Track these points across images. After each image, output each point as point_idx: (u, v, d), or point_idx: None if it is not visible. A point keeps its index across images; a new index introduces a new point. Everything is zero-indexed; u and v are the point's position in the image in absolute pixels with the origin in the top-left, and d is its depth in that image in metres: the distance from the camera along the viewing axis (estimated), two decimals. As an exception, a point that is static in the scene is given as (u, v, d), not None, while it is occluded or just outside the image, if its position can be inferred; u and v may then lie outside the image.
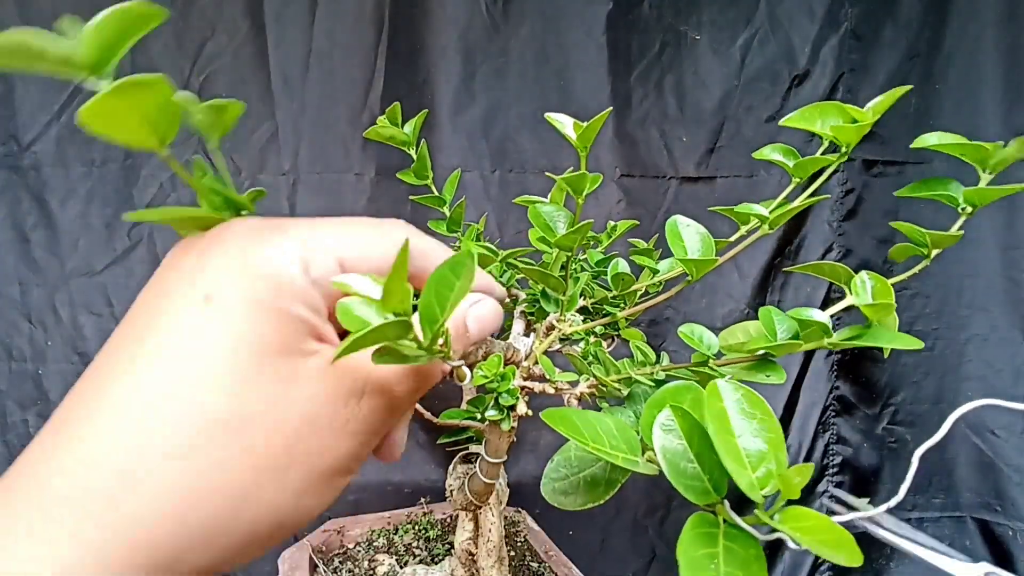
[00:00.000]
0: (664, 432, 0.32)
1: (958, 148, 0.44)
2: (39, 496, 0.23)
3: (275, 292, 0.26)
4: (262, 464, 0.25)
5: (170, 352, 0.25)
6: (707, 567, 0.27)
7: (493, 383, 0.45)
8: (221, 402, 0.25)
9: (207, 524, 0.24)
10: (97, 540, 0.22)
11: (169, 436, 0.24)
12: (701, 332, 0.45)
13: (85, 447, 0.24)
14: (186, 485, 0.24)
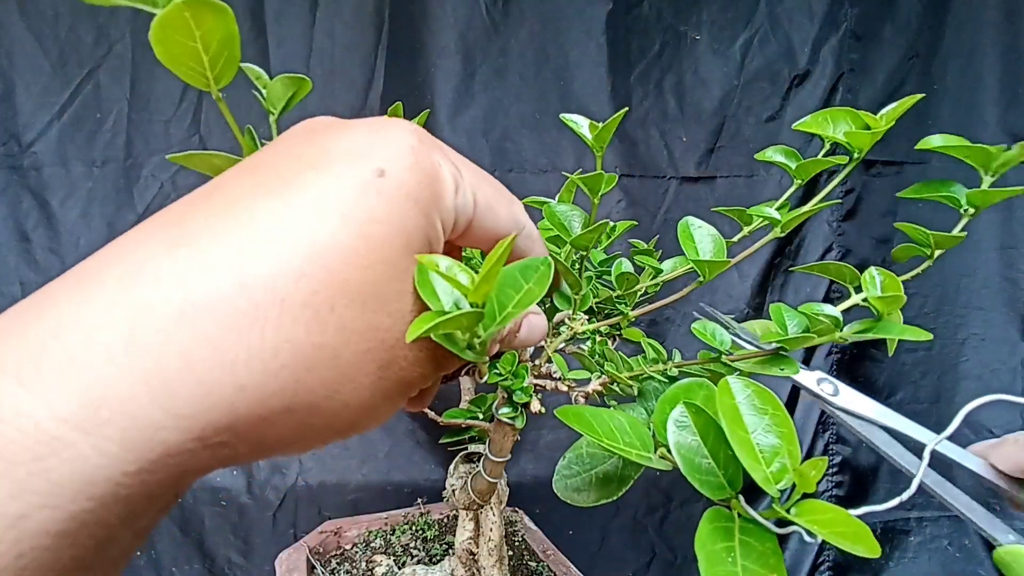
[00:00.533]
0: (678, 428, 0.32)
1: (962, 151, 0.45)
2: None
3: (431, 200, 0.27)
4: (351, 345, 0.24)
5: (334, 211, 0.24)
6: (725, 561, 0.27)
7: (507, 380, 0.46)
8: (368, 276, 0.24)
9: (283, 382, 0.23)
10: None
11: (309, 309, 0.23)
12: (713, 328, 0.45)
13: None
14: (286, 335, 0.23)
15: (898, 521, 1.39)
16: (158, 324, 0.21)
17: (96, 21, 1.06)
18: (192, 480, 0.23)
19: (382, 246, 0.25)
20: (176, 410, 0.21)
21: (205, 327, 0.22)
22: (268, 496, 1.18)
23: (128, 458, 0.20)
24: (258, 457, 0.25)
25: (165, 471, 0.21)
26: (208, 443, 0.22)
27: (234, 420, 0.22)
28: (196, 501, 1.16)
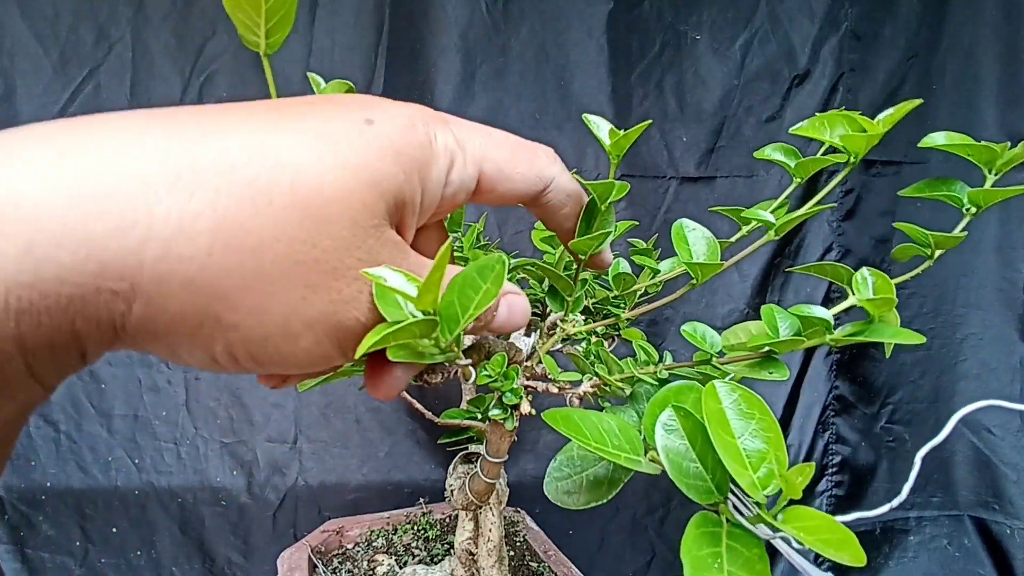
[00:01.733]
0: (666, 432, 0.32)
1: (965, 149, 0.45)
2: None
3: (415, 162, 0.28)
4: (280, 247, 0.24)
5: (312, 133, 0.26)
6: (711, 567, 0.27)
7: (497, 382, 0.45)
8: (322, 190, 0.25)
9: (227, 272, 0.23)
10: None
11: (251, 189, 0.23)
12: (704, 330, 0.45)
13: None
14: (239, 231, 0.23)
15: (898, 521, 1.39)
16: (89, 154, 0.22)
17: (96, 21, 1.06)
18: (86, 331, 0.22)
19: (346, 169, 0.25)
20: (80, 233, 0.21)
21: (142, 168, 0.22)
22: (268, 496, 1.18)
23: (25, 264, 0.20)
24: (152, 338, 0.24)
25: (56, 299, 0.21)
26: (103, 286, 0.21)
27: (136, 268, 0.22)
28: (196, 501, 1.16)
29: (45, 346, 0.22)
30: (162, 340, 0.24)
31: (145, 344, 0.24)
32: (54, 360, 0.23)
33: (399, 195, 0.28)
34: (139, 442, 1.15)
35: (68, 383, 1.13)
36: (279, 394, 1.18)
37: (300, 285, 0.25)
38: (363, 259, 0.26)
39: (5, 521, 1.12)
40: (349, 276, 0.26)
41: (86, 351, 0.23)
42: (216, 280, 0.23)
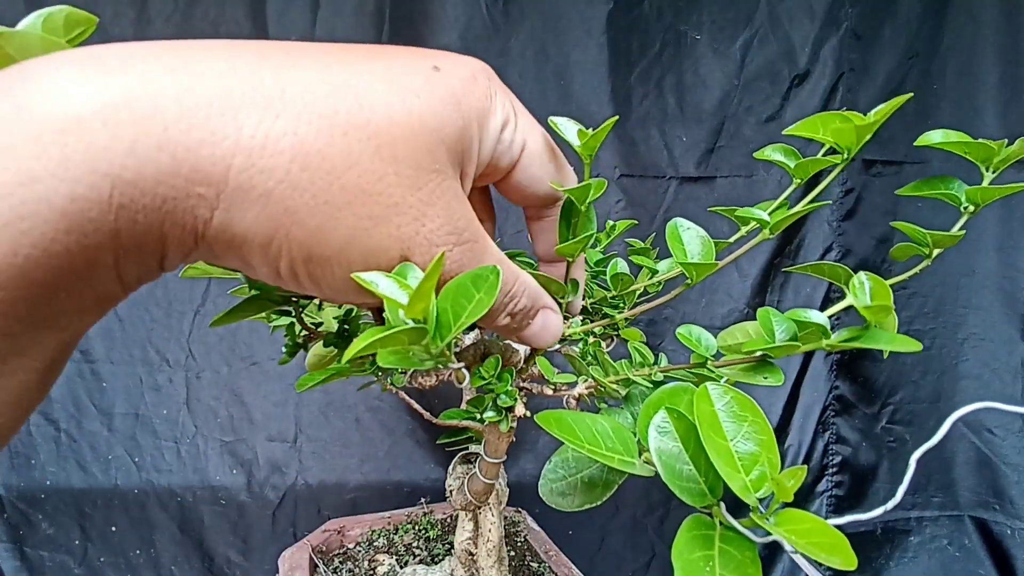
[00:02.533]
0: (660, 434, 0.32)
1: (962, 146, 0.44)
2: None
3: (475, 113, 0.30)
4: (376, 202, 0.27)
5: (385, 76, 0.28)
6: (703, 570, 0.27)
7: (491, 384, 0.45)
8: (391, 129, 0.27)
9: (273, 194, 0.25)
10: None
11: (329, 120, 0.26)
12: (699, 333, 0.45)
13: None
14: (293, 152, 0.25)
15: (898, 521, 1.38)
16: (193, 74, 0.24)
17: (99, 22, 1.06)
18: (172, 234, 0.24)
19: (412, 113, 0.27)
20: (179, 139, 0.23)
21: (237, 90, 0.24)
22: (267, 495, 1.18)
23: (129, 162, 0.22)
24: (227, 247, 0.26)
25: (152, 198, 0.23)
26: (192, 190, 0.24)
27: (221, 176, 0.24)
28: (196, 500, 1.16)
29: (135, 244, 0.24)
30: (236, 251, 0.26)
31: (221, 253, 0.26)
32: (139, 260, 0.25)
33: (459, 142, 0.29)
34: (139, 441, 1.15)
35: (70, 381, 1.13)
36: (280, 393, 1.18)
37: (364, 215, 0.27)
38: (423, 199, 0.28)
39: (4, 519, 1.12)
40: (410, 214, 0.28)
41: (166, 256, 0.26)
42: (290, 195, 0.25)
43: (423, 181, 0.28)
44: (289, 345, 0.56)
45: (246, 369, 1.17)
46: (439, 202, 0.28)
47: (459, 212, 0.30)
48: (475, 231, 0.31)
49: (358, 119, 0.26)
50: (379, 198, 0.27)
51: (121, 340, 1.14)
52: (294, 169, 0.25)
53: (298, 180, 0.25)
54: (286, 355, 0.56)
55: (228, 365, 1.17)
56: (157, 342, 1.15)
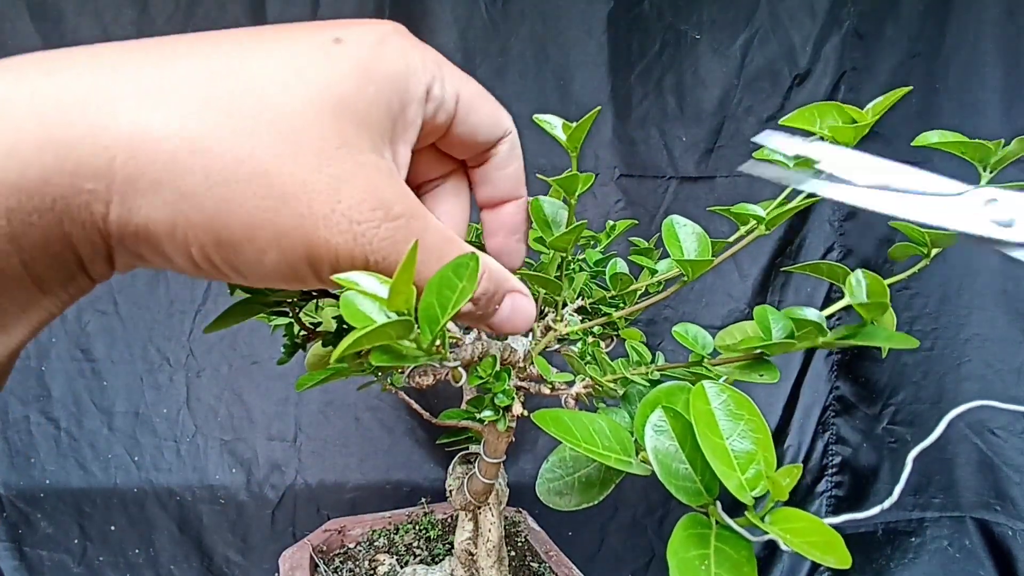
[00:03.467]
0: (656, 433, 0.32)
1: (959, 146, 0.44)
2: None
3: (390, 77, 0.28)
4: (244, 152, 0.25)
5: (278, 56, 0.27)
6: (698, 569, 0.27)
7: (489, 384, 0.45)
8: (285, 105, 0.26)
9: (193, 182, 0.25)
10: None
11: (215, 106, 0.25)
12: (696, 331, 0.44)
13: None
14: (217, 148, 0.25)
15: (899, 522, 1.38)
16: (69, 71, 0.24)
17: (101, 21, 1.06)
18: (75, 234, 0.24)
19: (310, 88, 0.26)
20: (58, 136, 0.23)
21: (116, 84, 0.24)
22: (267, 494, 1.18)
23: (9, 164, 0.22)
24: (132, 240, 0.26)
25: (41, 198, 0.23)
26: (81, 186, 0.23)
27: (106, 169, 0.24)
28: (195, 499, 1.16)
29: (40, 247, 0.24)
30: (145, 243, 0.26)
31: (135, 249, 0.26)
32: (54, 266, 0.25)
33: (375, 112, 0.28)
34: (139, 440, 1.15)
35: (70, 380, 1.13)
36: (280, 392, 1.18)
37: (266, 196, 0.26)
38: (335, 175, 0.27)
39: (3, 519, 1.12)
40: (321, 192, 0.26)
41: (84, 260, 0.26)
42: (181, 179, 0.24)
43: (331, 158, 0.27)
44: (288, 345, 0.56)
45: (246, 368, 1.17)
46: (356, 177, 0.27)
47: (385, 185, 0.28)
48: (409, 205, 0.29)
49: (247, 100, 0.25)
50: (280, 178, 0.26)
51: (122, 339, 1.14)
52: (181, 154, 0.24)
53: (187, 163, 0.24)
54: (285, 355, 0.56)
55: (229, 364, 1.17)
56: (158, 341, 1.15)
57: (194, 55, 0.26)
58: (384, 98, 0.28)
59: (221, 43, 0.27)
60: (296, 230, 0.27)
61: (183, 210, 0.25)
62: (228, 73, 0.26)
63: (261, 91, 0.26)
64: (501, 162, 0.37)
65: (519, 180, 0.39)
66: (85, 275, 0.27)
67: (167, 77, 0.25)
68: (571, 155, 0.40)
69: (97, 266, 0.26)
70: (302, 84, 0.26)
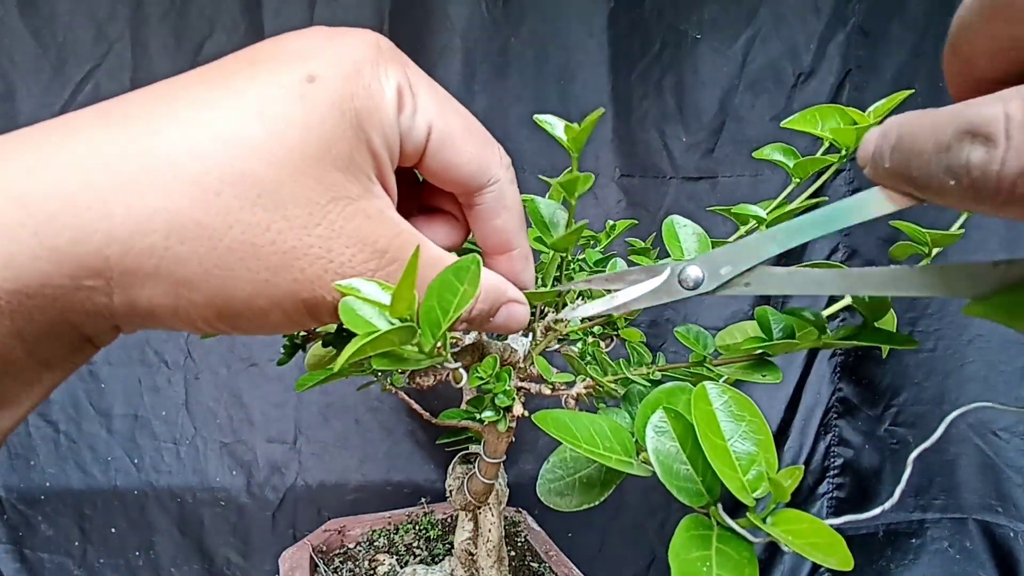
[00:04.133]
0: (657, 434, 0.32)
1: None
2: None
3: (366, 113, 0.27)
4: (234, 233, 0.25)
5: (253, 110, 0.26)
6: (699, 570, 0.27)
7: (489, 384, 0.45)
8: (269, 173, 0.25)
9: (174, 246, 0.25)
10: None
11: (199, 184, 0.25)
12: (697, 331, 0.44)
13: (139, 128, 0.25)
14: (194, 208, 0.25)
15: (900, 524, 1.38)
16: (54, 168, 0.24)
17: (95, 20, 1.06)
18: (79, 320, 0.25)
19: (292, 148, 0.26)
20: (51, 243, 0.23)
21: (94, 178, 0.24)
22: (267, 496, 1.18)
23: (6, 275, 0.23)
24: (139, 319, 0.26)
25: (42, 298, 0.24)
26: (81, 283, 0.24)
27: (103, 267, 0.24)
28: (195, 501, 1.16)
29: (44, 335, 0.25)
30: (151, 320, 0.27)
31: (142, 324, 0.27)
32: (59, 346, 0.26)
33: (356, 156, 0.27)
34: (139, 442, 1.15)
35: (68, 383, 1.13)
36: (279, 394, 1.18)
37: (260, 268, 0.26)
38: (324, 235, 0.27)
39: (4, 521, 1.12)
40: (311, 255, 0.27)
41: (89, 335, 0.26)
42: (176, 269, 0.25)
43: (319, 217, 0.26)
44: (287, 346, 0.56)
45: (245, 371, 1.17)
46: (344, 232, 0.27)
47: (376, 233, 0.28)
48: (402, 244, 0.29)
49: (231, 174, 0.25)
50: (271, 248, 0.26)
51: (119, 341, 1.13)
52: (172, 244, 0.25)
53: (179, 253, 0.25)
54: (284, 356, 0.56)
55: (227, 367, 1.17)
56: (155, 343, 1.15)
57: (173, 123, 0.25)
58: (365, 136, 0.28)
59: (194, 99, 0.26)
60: (293, 295, 0.27)
61: (183, 295, 0.26)
62: (210, 140, 0.25)
63: (244, 162, 0.25)
64: (488, 212, 0.35)
65: (510, 232, 0.36)
66: (90, 345, 0.27)
67: (151, 157, 0.24)
68: (572, 156, 0.40)
69: (103, 338, 0.27)
70: (281, 143, 0.26)
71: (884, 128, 0.25)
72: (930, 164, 0.22)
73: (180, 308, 0.26)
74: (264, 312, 0.27)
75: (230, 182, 0.25)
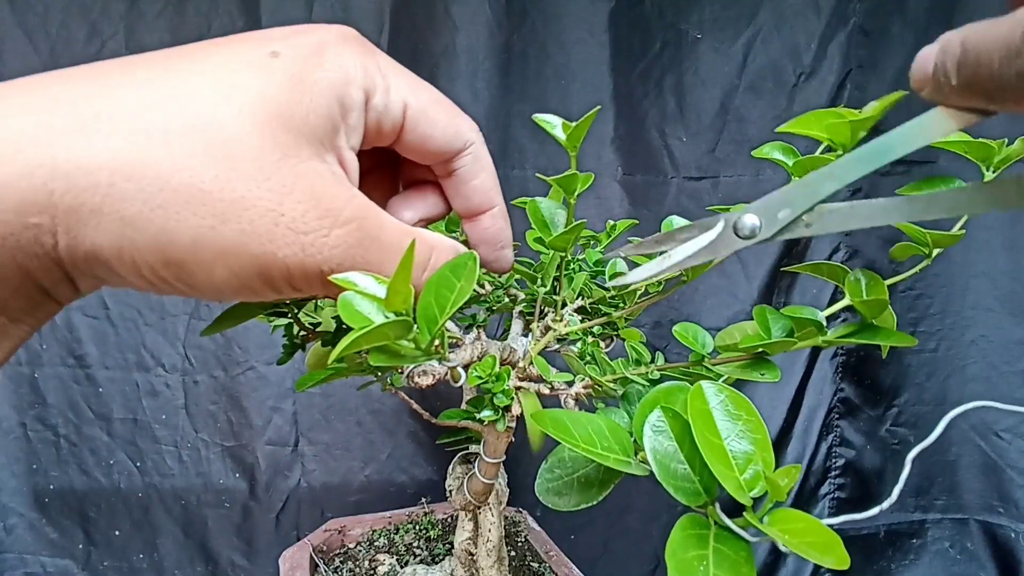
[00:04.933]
0: (655, 433, 0.32)
1: (962, 146, 0.44)
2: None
3: (329, 87, 0.28)
4: (179, 176, 0.26)
5: (210, 76, 0.27)
6: (696, 569, 0.27)
7: (488, 383, 0.45)
8: (219, 127, 0.26)
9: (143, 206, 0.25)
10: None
11: (146, 133, 0.25)
12: (696, 331, 0.44)
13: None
14: (158, 167, 0.25)
15: (901, 524, 1.37)
16: (6, 112, 0.25)
17: (88, 17, 1.05)
18: (30, 265, 0.25)
19: (243, 107, 0.27)
20: (2, 177, 0.24)
21: (43, 119, 0.25)
22: (270, 498, 1.18)
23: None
24: (85, 264, 0.26)
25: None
26: (27, 221, 0.24)
27: (47, 202, 0.24)
28: (199, 503, 1.16)
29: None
30: (99, 266, 0.26)
31: (90, 272, 0.27)
32: (16, 296, 0.26)
33: (314, 121, 0.28)
34: (140, 445, 1.15)
35: (64, 387, 1.12)
36: (279, 396, 1.17)
37: (206, 214, 0.26)
38: (275, 189, 0.27)
39: (6, 526, 1.12)
40: (260, 207, 0.27)
41: (46, 287, 0.27)
42: (120, 206, 0.25)
43: (269, 171, 0.27)
44: (287, 345, 0.56)
45: (243, 374, 1.17)
46: (296, 188, 0.27)
47: (330, 194, 0.28)
48: (358, 207, 0.29)
49: (180, 126, 0.26)
50: (219, 195, 0.26)
51: (115, 345, 1.13)
52: (117, 181, 0.25)
53: (124, 190, 0.25)
54: (284, 355, 0.56)
55: (225, 370, 1.16)
56: (152, 347, 1.14)
57: (128, 83, 0.26)
58: (322, 106, 0.28)
59: (156, 69, 0.27)
60: (240, 247, 0.27)
61: (127, 234, 0.26)
62: (163, 97, 0.26)
63: (195, 112, 0.26)
64: (467, 174, 0.37)
65: (489, 190, 0.38)
66: (51, 300, 0.28)
67: (102, 107, 0.25)
68: (571, 155, 0.40)
69: (60, 290, 0.27)
70: (235, 99, 0.27)
71: (942, 44, 0.25)
72: (1002, 71, 0.22)
73: (124, 251, 0.26)
74: (209, 264, 0.27)
75: (179, 132, 0.26)
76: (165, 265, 0.27)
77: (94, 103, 0.25)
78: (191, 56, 0.28)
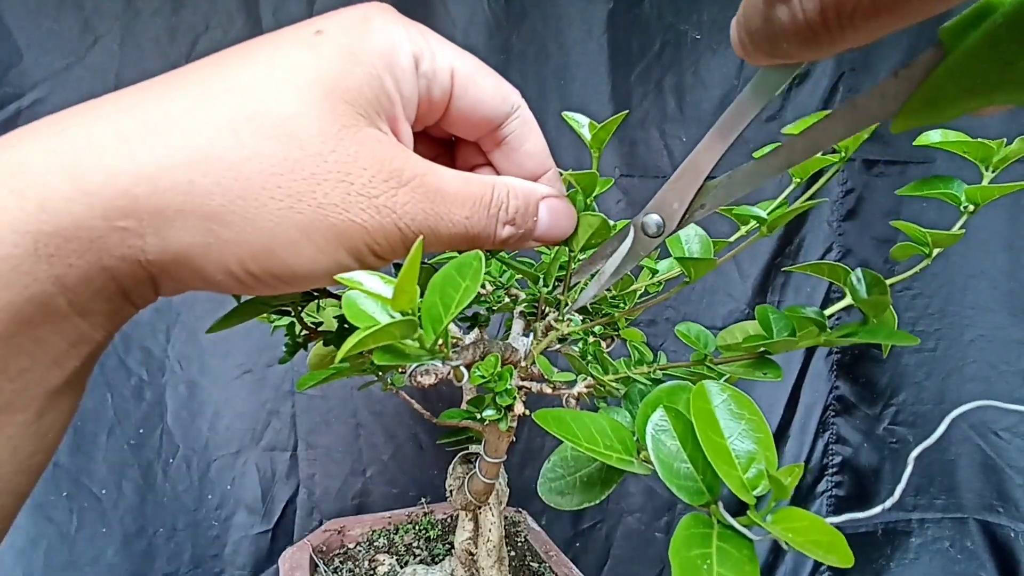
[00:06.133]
0: (658, 432, 0.32)
1: (961, 146, 0.44)
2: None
3: (377, 56, 0.29)
4: (254, 163, 0.27)
5: (263, 63, 0.28)
6: (700, 568, 0.27)
7: (490, 383, 0.45)
8: (279, 109, 0.27)
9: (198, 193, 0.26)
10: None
11: (213, 127, 0.26)
12: (698, 330, 0.45)
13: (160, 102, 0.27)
14: (224, 158, 0.26)
15: (900, 523, 1.38)
16: (84, 124, 0.26)
17: (82, 13, 1.03)
18: (116, 267, 0.26)
19: (299, 86, 0.27)
20: (83, 186, 0.24)
21: (119, 127, 0.26)
22: (270, 504, 1.17)
23: (43, 217, 0.24)
24: (173, 266, 0.27)
25: (78, 242, 0.25)
26: (114, 225, 0.25)
27: (133, 206, 0.25)
28: (197, 508, 1.15)
29: (83, 283, 0.26)
30: (187, 268, 0.27)
31: (177, 274, 0.28)
32: (98, 299, 0.27)
33: (368, 90, 0.29)
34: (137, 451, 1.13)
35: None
36: (278, 399, 1.17)
37: (284, 195, 0.27)
38: (341, 159, 0.28)
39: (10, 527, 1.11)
40: (332, 179, 0.28)
41: (127, 289, 0.27)
42: (203, 202, 0.26)
43: (333, 144, 0.28)
44: (289, 345, 0.56)
45: (242, 376, 1.16)
46: (360, 155, 0.28)
47: (391, 154, 0.29)
48: (416, 165, 0.30)
49: (243, 114, 0.27)
50: (291, 175, 0.27)
51: (109, 351, 1.12)
52: (196, 178, 0.26)
53: (204, 186, 0.26)
54: (286, 355, 0.56)
55: (223, 373, 1.15)
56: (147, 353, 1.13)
57: (188, 84, 0.28)
58: (374, 76, 0.29)
59: (205, 68, 0.28)
60: (320, 220, 0.28)
61: (212, 229, 0.26)
62: (222, 91, 0.27)
63: (256, 99, 0.27)
64: (517, 139, 0.37)
65: (541, 153, 0.38)
66: (129, 303, 0.28)
67: (170, 109, 0.26)
68: (593, 155, 0.41)
69: (141, 292, 0.28)
70: (291, 80, 0.27)
71: (734, 20, 0.27)
72: (763, 28, 0.25)
73: (212, 247, 0.27)
74: (294, 246, 0.28)
75: (244, 120, 0.26)
76: (253, 257, 0.27)
77: (163, 105, 0.26)
78: (241, 52, 0.29)
